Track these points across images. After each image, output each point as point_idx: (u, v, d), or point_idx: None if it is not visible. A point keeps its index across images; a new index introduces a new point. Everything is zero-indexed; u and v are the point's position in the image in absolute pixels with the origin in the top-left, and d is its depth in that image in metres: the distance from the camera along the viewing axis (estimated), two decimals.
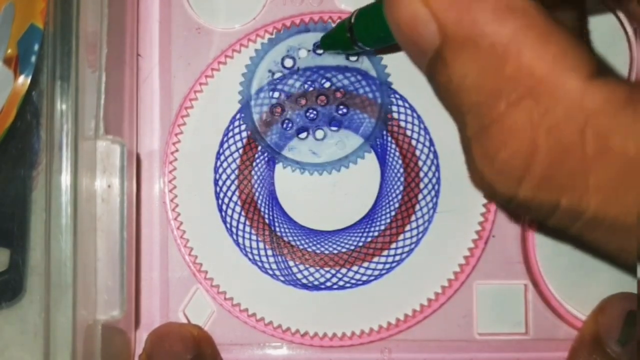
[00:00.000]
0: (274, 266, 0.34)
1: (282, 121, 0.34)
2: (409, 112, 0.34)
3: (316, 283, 0.34)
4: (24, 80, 0.31)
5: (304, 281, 0.34)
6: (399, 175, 0.34)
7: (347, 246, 0.34)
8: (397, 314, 0.34)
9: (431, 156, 0.34)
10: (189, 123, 0.34)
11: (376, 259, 0.34)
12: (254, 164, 0.34)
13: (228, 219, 0.34)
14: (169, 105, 0.34)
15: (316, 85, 0.34)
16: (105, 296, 0.28)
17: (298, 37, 0.34)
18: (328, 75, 0.34)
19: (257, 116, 0.34)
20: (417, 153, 0.34)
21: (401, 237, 0.34)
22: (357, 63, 0.34)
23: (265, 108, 0.34)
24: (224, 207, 0.34)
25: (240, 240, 0.34)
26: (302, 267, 0.34)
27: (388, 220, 0.34)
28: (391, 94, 0.34)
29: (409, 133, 0.34)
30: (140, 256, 0.34)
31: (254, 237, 0.34)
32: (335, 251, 0.34)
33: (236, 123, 0.34)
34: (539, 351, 0.34)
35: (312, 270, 0.34)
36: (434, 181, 0.34)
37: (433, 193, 0.34)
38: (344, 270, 0.34)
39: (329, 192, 0.34)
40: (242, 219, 0.34)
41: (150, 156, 0.34)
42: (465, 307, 0.34)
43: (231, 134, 0.34)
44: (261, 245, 0.34)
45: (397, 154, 0.34)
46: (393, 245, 0.34)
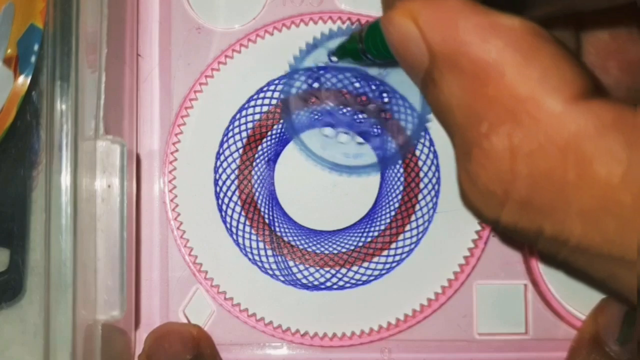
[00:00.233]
0: (274, 266, 0.34)
1: (316, 109, 0.33)
2: (409, 112, 0.34)
3: (316, 283, 0.34)
4: (24, 80, 0.31)
5: (304, 281, 0.34)
6: (399, 175, 0.34)
7: (347, 246, 0.34)
8: (397, 314, 0.34)
9: (431, 156, 0.34)
10: (189, 123, 0.34)
11: (376, 259, 0.34)
12: (254, 164, 0.34)
13: (228, 219, 0.34)
14: (169, 105, 0.34)
15: (366, 91, 0.33)
16: (105, 296, 0.28)
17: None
18: (382, 89, 0.33)
19: (295, 90, 0.33)
20: (417, 153, 0.34)
21: (401, 237, 0.34)
22: (410, 92, 0.33)
23: (305, 86, 0.33)
24: (224, 207, 0.34)
25: (240, 240, 0.34)
26: (302, 267, 0.34)
27: (388, 220, 0.34)
28: (424, 133, 0.34)
29: (409, 133, 0.34)
30: (140, 256, 0.34)
31: (254, 237, 0.34)
32: (335, 251, 0.34)
33: (236, 123, 0.34)
34: (539, 351, 0.34)
35: (312, 270, 0.34)
36: (434, 181, 0.34)
37: (433, 193, 0.34)
38: (344, 270, 0.34)
39: (329, 192, 0.34)
40: (242, 219, 0.34)
41: (150, 156, 0.34)
42: (465, 307, 0.34)
43: (231, 134, 0.34)
44: (261, 245, 0.34)
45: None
46: (393, 245, 0.34)
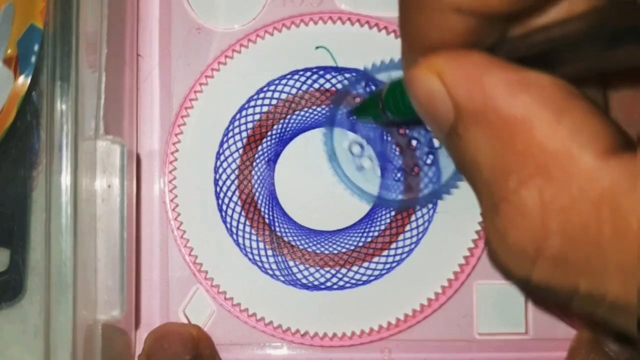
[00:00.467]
0: (274, 266, 0.34)
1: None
2: (435, 180, 0.34)
3: (316, 283, 0.34)
4: (24, 80, 0.31)
5: (304, 281, 0.34)
6: (399, 174, 0.34)
7: (347, 246, 0.34)
8: (397, 314, 0.34)
9: (431, 156, 0.34)
10: (189, 123, 0.34)
11: (376, 259, 0.34)
12: (254, 164, 0.34)
13: (228, 219, 0.34)
14: (169, 105, 0.34)
15: (416, 136, 0.34)
16: (105, 296, 0.28)
17: None
18: (422, 137, 0.34)
19: (358, 90, 0.34)
20: (417, 153, 0.34)
21: (401, 237, 0.34)
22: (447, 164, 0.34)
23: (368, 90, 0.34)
24: (224, 207, 0.34)
25: (240, 240, 0.34)
26: (302, 267, 0.34)
27: (388, 220, 0.34)
28: (444, 195, 0.34)
29: (409, 132, 0.34)
30: (140, 256, 0.34)
31: (254, 237, 0.34)
32: (335, 251, 0.34)
33: (236, 123, 0.34)
34: (539, 351, 0.34)
35: (312, 270, 0.34)
36: (434, 181, 0.34)
37: None
38: (344, 270, 0.34)
39: (329, 192, 0.34)
40: (242, 219, 0.34)
41: (150, 156, 0.34)
42: (465, 307, 0.34)
43: (231, 134, 0.34)
44: (261, 245, 0.34)
45: (397, 154, 0.34)
46: (393, 245, 0.34)
